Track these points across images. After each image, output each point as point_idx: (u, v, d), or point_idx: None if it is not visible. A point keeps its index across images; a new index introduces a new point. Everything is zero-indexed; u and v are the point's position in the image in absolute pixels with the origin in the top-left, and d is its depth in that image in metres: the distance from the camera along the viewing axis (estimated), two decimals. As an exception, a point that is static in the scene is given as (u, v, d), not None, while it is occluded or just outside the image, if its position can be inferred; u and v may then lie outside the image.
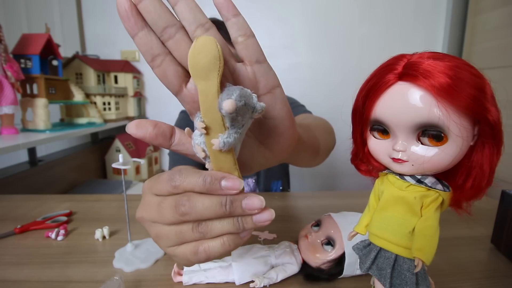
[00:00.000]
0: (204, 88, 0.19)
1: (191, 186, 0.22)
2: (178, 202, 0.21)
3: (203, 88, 0.20)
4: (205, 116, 0.20)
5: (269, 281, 0.38)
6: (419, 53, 0.22)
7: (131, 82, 1.58)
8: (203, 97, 0.20)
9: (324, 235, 0.39)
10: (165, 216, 0.22)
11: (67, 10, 1.57)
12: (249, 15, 0.20)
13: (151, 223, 0.23)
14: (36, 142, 0.93)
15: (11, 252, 0.48)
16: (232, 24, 0.23)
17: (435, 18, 1.63)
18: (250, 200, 0.22)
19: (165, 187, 0.22)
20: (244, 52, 0.23)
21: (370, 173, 0.29)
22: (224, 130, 0.20)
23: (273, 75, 0.25)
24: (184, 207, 0.21)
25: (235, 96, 0.18)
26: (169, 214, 0.22)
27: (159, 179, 0.23)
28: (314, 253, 0.39)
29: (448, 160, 0.22)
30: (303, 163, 0.46)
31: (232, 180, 0.21)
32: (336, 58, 1.67)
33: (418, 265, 0.23)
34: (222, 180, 0.21)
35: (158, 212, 0.22)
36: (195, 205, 0.21)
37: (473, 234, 0.53)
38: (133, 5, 0.21)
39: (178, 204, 0.21)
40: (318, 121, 0.62)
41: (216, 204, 0.21)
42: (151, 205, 0.23)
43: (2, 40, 0.91)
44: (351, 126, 0.27)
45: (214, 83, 0.19)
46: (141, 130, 0.22)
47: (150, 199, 0.23)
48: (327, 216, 0.41)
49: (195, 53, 0.19)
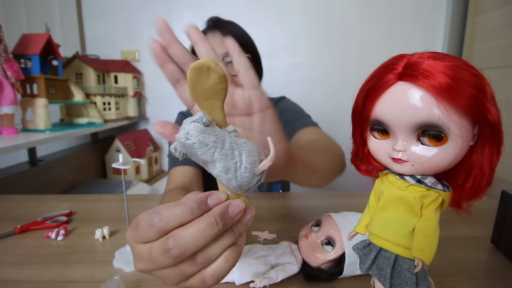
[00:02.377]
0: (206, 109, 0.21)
1: (179, 222, 0.21)
2: (166, 247, 0.20)
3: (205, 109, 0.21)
4: None
5: (269, 281, 0.38)
6: (419, 53, 0.22)
7: (131, 82, 1.58)
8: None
9: (324, 235, 0.39)
10: (161, 263, 0.21)
11: (67, 10, 1.58)
12: (249, 15, 0.20)
13: (152, 271, 0.22)
14: (36, 142, 0.93)
15: (11, 252, 0.48)
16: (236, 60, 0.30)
17: (435, 18, 1.63)
18: (233, 207, 0.22)
19: (148, 234, 0.21)
20: (244, 79, 0.30)
21: (370, 173, 0.29)
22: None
23: (266, 98, 0.31)
24: (174, 249, 0.20)
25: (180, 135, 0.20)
26: (163, 260, 0.21)
27: (138, 227, 0.22)
28: (314, 253, 0.39)
29: (448, 160, 0.22)
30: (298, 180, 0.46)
31: (215, 196, 0.22)
32: (336, 58, 1.67)
33: (418, 265, 0.23)
34: (208, 199, 0.22)
35: (151, 261, 0.21)
36: (185, 241, 0.20)
37: (473, 234, 0.53)
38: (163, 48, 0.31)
39: (167, 249, 0.20)
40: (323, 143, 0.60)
41: (207, 228, 0.21)
42: (143, 256, 0.22)
43: (2, 40, 0.91)
44: (351, 126, 0.27)
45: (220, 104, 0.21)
46: (162, 127, 0.28)
47: (139, 249, 0.22)
48: (327, 216, 0.41)
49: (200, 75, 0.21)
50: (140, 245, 0.22)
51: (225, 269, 0.22)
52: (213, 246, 0.22)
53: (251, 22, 0.91)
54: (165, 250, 0.20)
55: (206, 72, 0.19)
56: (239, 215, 0.22)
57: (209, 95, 0.20)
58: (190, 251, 0.21)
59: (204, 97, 0.20)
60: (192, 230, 0.21)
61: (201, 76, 0.20)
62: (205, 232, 0.21)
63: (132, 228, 0.23)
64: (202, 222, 0.21)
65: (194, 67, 0.19)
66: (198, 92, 0.20)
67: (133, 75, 1.58)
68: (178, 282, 0.22)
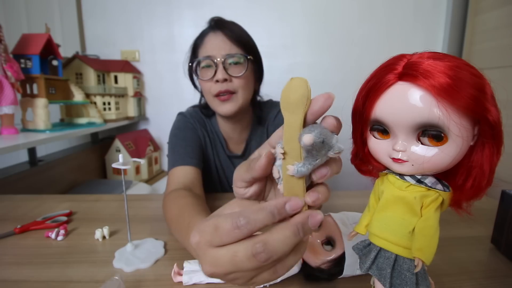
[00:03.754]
0: (289, 120, 0.23)
1: (262, 226, 0.22)
2: (255, 251, 0.21)
3: (288, 120, 0.23)
4: (286, 144, 0.23)
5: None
6: (419, 53, 0.22)
7: (131, 82, 1.57)
8: (288, 127, 0.23)
9: (324, 235, 0.39)
10: (245, 266, 0.22)
11: (67, 10, 1.57)
12: (249, 15, 0.20)
13: (227, 274, 0.23)
14: (36, 142, 0.93)
15: (11, 252, 0.48)
16: None
17: (435, 18, 1.63)
18: (314, 219, 0.23)
19: (233, 236, 0.22)
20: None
21: (370, 173, 0.29)
22: (300, 160, 0.23)
23: None
24: (264, 253, 0.21)
25: (315, 132, 0.21)
26: (249, 263, 0.21)
27: (220, 230, 0.22)
28: (314, 253, 0.39)
29: (448, 160, 0.22)
30: None
31: (293, 201, 0.23)
32: (336, 58, 1.67)
33: (418, 265, 0.23)
34: (286, 205, 0.23)
35: (234, 264, 0.22)
36: (274, 246, 0.21)
37: (473, 234, 0.53)
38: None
39: (256, 253, 0.21)
40: None
41: (291, 236, 0.22)
42: (222, 259, 0.22)
43: (2, 40, 0.91)
44: (351, 126, 0.27)
45: (299, 117, 0.22)
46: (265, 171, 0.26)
47: (217, 253, 0.22)
48: (327, 216, 0.41)
49: (288, 90, 0.22)
50: (216, 249, 0.22)
51: (295, 261, 0.24)
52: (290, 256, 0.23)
53: (251, 22, 0.90)
54: (253, 254, 0.21)
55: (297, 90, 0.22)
56: (317, 226, 0.23)
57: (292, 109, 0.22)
58: (277, 256, 0.22)
59: (289, 111, 0.23)
60: (280, 236, 0.22)
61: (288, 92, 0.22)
62: (291, 239, 0.22)
63: (206, 232, 0.23)
64: (288, 229, 0.22)
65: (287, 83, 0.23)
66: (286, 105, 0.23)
67: (133, 75, 1.58)
68: (250, 278, 0.23)
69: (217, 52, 0.67)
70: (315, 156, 0.22)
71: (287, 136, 0.23)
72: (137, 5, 1.62)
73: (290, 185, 0.24)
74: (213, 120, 0.83)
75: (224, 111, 0.70)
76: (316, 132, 0.21)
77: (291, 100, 0.22)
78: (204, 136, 0.80)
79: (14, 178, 0.96)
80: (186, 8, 1.61)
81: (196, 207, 0.49)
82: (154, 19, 1.63)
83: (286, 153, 0.23)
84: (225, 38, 0.68)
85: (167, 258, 0.46)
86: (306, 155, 0.22)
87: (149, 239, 0.51)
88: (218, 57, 0.67)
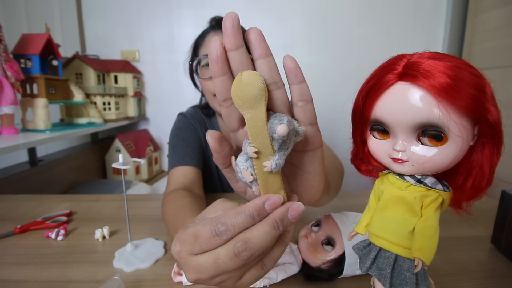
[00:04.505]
0: (252, 116, 0.22)
1: (243, 229, 0.22)
2: (236, 250, 0.21)
3: (251, 116, 0.22)
4: (254, 141, 0.22)
5: (269, 281, 0.38)
6: (419, 53, 0.22)
7: (131, 82, 1.57)
8: (252, 123, 0.22)
9: (324, 235, 0.39)
10: (228, 267, 0.22)
11: (67, 10, 1.57)
12: (249, 15, 0.20)
13: (211, 279, 0.23)
14: (36, 142, 0.93)
15: (11, 252, 0.48)
16: (296, 88, 0.24)
17: (435, 18, 1.63)
18: (294, 211, 0.23)
19: (213, 244, 0.22)
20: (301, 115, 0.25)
21: (370, 173, 0.29)
22: (273, 153, 0.22)
23: (320, 136, 0.27)
24: (246, 251, 0.21)
25: (286, 121, 0.21)
26: (232, 264, 0.22)
27: (200, 239, 0.22)
28: (314, 253, 0.39)
29: (448, 160, 0.22)
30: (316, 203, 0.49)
31: (272, 199, 0.22)
32: (336, 58, 1.67)
33: (418, 265, 0.23)
34: (265, 204, 0.22)
35: (217, 267, 0.22)
36: (254, 243, 0.21)
37: (473, 234, 0.53)
38: (224, 51, 0.23)
39: (238, 252, 0.21)
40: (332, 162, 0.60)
41: (270, 231, 0.22)
42: (204, 265, 0.22)
43: (2, 40, 0.91)
44: (351, 126, 0.27)
45: (262, 111, 0.21)
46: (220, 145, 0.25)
47: (198, 260, 0.22)
48: (327, 216, 0.41)
49: (243, 85, 0.21)
50: (197, 257, 0.23)
51: (280, 252, 0.24)
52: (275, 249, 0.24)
53: (251, 22, 0.90)
54: (235, 254, 0.21)
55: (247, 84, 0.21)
56: (297, 218, 0.23)
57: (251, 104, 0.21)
58: (259, 252, 0.22)
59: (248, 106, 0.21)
60: (259, 233, 0.22)
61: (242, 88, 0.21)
62: (271, 234, 0.22)
63: (186, 242, 0.23)
64: (267, 225, 0.22)
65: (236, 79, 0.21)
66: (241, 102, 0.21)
67: (133, 75, 1.58)
68: (237, 280, 0.23)
69: None
70: (287, 144, 0.22)
71: (254, 132, 0.22)
72: (137, 5, 1.61)
73: (267, 183, 0.23)
74: (213, 120, 0.83)
75: None
76: (286, 121, 0.21)
77: (249, 95, 0.21)
78: (205, 136, 0.80)
79: (14, 178, 0.96)
80: (186, 8, 1.61)
81: (193, 207, 0.49)
82: (154, 19, 1.63)
83: (257, 151, 0.22)
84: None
85: (167, 258, 0.46)
86: (279, 147, 0.22)
87: (149, 239, 0.51)
88: None
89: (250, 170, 0.23)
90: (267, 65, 0.23)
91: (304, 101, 0.24)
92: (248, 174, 0.23)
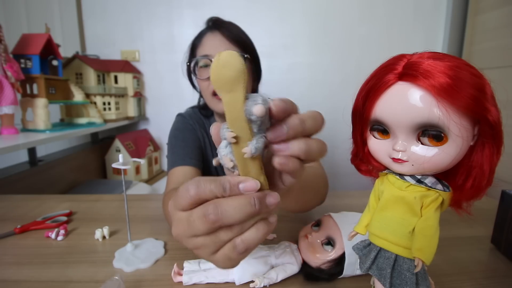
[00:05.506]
0: (230, 100, 0.20)
1: (212, 195, 0.22)
2: (205, 212, 0.22)
3: (229, 99, 0.20)
4: (232, 126, 0.21)
5: (269, 281, 0.38)
6: (419, 53, 0.22)
7: (131, 82, 1.57)
8: (230, 107, 0.21)
9: (324, 235, 0.39)
10: (198, 228, 0.22)
11: (67, 10, 1.57)
12: (249, 15, 0.20)
13: (187, 238, 0.24)
14: (36, 142, 0.93)
15: (11, 252, 0.48)
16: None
17: (435, 18, 1.63)
18: (272, 197, 0.23)
19: (185, 201, 0.23)
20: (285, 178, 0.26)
21: (370, 173, 0.29)
22: (251, 137, 0.21)
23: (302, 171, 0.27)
24: (213, 214, 0.21)
25: (260, 101, 0.20)
26: (200, 225, 0.22)
27: (178, 195, 0.23)
28: (314, 253, 0.39)
29: (448, 160, 0.22)
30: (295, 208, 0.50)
31: (248, 182, 0.22)
32: (336, 58, 1.67)
33: (418, 265, 0.23)
34: (240, 184, 0.22)
35: (189, 226, 0.23)
36: (224, 209, 0.21)
37: (473, 234, 0.53)
38: None
39: (206, 214, 0.22)
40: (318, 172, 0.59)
41: (246, 205, 0.22)
42: (181, 222, 0.23)
43: (2, 40, 0.91)
44: (351, 126, 0.27)
45: (241, 94, 0.20)
46: None
47: (179, 216, 0.24)
48: (327, 216, 0.41)
49: (220, 66, 0.20)
50: (180, 212, 0.24)
51: (256, 238, 0.23)
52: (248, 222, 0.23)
53: (251, 22, 0.91)
54: (204, 215, 0.22)
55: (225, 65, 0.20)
56: (273, 207, 0.23)
57: (229, 87, 0.20)
58: (227, 220, 0.22)
59: (226, 89, 0.20)
60: (233, 202, 0.22)
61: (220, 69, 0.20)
62: (244, 208, 0.22)
63: (175, 197, 0.24)
64: (243, 198, 0.22)
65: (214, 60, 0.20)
66: (219, 84, 0.20)
67: (133, 75, 1.58)
68: (211, 252, 0.23)
69: (215, 51, 0.67)
70: (265, 125, 0.21)
71: (232, 116, 0.21)
72: (137, 5, 1.61)
73: (247, 168, 0.22)
74: (212, 120, 0.83)
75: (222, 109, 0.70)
76: (261, 100, 0.20)
77: (227, 77, 0.20)
78: (204, 136, 0.80)
79: (14, 178, 0.96)
80: (186, 8, 1.61)
81: None
82: (154, 19, 1.63)
83: (236, 136, 0.21)
84: (222, 37, 0.68)
85: (167, 258, 0.46)
86: (257, 129, 0.21)
87: (149, 239, 0.51)
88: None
89: (230, 157, 0.23)
90: None
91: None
92: (227, 160, 0.23)
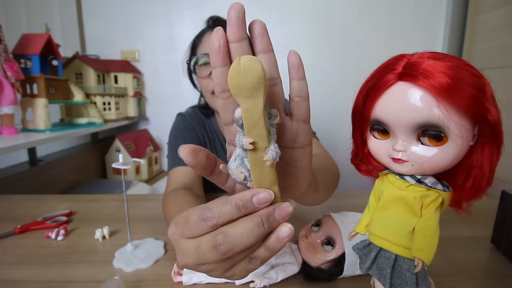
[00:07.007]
0: (249, 106, 0.20)
1: (228, 219, 0.21)
2: (215, 242, 0.21)
3: (248, 106, 0.20)
4: (250, 132, 0.20)
5: (269, 281, 0.38)
6: (419, 53, 0.22)
7: (131, 82, 1.57)
8: (249, 114, 0.20)
9: (324, 235, 0.39)
10: (209, 258, 0.22)
11: (67, 10, 1.57)
12: (249, 15, 0.20)
13: (197, 266, 0.23)
14: (36, 142, 0.93)
15: (11, 252, 0.48)
16: (295, 84, 0.25)
17: (435, 18, 1.63)
18: (281, 210, 0.22)
19: (200, 229, 0.22)
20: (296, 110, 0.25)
21: (370, 173, 0.29)
22: (269, 144, 0.20)
23: (311, 134, 0.27)
24: (224, 245, 0.21)
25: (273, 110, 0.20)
26: (211, 255, 0.21)
27: (189, 222, 0.22)
28: (314, 253, 0.39)
29: (448, 160, 0.22)
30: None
31: (261, 194, 0.21)
32: (336, 58, 1.67)
33: (418, 265, 0.23)
34: (253, 198, 0.21)
35: (199, 257, 0.22)
36: (234, 238, 0.21)
37: (473, 234, 0.53)
38: (227, 42, 0.22)
39: (216, 244, 0.21)
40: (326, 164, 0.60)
41: (253, 228, 0.21)
42: (190, 252, 0.22)
43: (2, 40, 0.91)
44: (351, 126, 0.27)
45: (260, 101, 0.19)
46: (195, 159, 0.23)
47: (186, 244, 0.23)
48: (327, 216, 0.41)
49: (241, 71, 0.19)
50: (186, 241, 0.23)
51: (266, 254, 0.23)
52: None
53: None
54: (214, 246, 0.21)
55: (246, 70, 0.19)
56: (285, 219, 0.22)
57: (249, 93, 0.20)
58: (238, 248, 0.21)
59: (245, 95, 0.20)
60: (241, 229, 0.21)
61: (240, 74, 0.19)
62: (252, 232, 0.21)
63: (179, 224, 0.23)
64: (249, 221, 0.21)
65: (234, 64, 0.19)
66: (238, 90, 0.20)
67: (133, 75, 1.58)
68: (225, 271, 0.23)
69: None
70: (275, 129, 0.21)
71: (251, 123, 0.20)
72: (137, 5, 1.61)
73: (261, 177, 0.21)
74: (212, 119, 0.83)
75: None
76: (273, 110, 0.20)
77: (247, 83, 0.19)
78: (204, 136, 0.80)
79: (14, 178, 0.96)
80: (186, 8, 1.61)
81: (195, 205, 0.49)
82: (154, 19, 1.63)
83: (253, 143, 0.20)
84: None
85: (167, 258, 0.46)
86: (272, 136, 0.20)
87: (149, 239, 0.51)
88: None
89: (240, 169, 0.22)
90: (268, 61, 0.23)
91: (301, 98, 0.25)
92: (238, 173, 0.22)
